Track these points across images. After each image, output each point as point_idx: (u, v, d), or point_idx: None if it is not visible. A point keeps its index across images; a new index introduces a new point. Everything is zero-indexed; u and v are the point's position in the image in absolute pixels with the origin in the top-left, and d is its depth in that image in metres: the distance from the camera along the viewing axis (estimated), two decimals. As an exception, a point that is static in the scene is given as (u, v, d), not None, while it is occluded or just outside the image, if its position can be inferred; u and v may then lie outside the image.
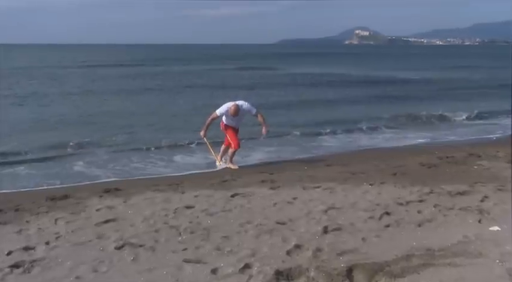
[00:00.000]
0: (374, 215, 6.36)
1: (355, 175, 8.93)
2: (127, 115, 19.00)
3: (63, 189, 8.67)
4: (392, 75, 40.79)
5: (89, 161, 11.49)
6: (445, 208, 6.60)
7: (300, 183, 8.23)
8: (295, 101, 23.87)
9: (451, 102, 22.62)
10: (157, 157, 11.93)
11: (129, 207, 6.99)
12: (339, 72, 43.59)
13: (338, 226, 5.94)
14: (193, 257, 5.07)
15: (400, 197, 7.18)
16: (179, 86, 31.59)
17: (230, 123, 10.60)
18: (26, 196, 8.27)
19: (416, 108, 20.05)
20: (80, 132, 14.93)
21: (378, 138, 14.75)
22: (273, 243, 5.44)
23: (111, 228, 6.03)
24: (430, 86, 32.12)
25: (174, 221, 6.27)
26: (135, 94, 26.99)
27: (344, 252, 5.13)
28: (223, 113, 10.41)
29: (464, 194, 7.33)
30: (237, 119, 10.54)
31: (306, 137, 14.52)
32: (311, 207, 6.77)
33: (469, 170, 9.12)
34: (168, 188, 8.20)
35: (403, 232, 5.74)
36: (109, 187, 8.32)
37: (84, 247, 5.42)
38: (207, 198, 7.41)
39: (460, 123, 17.69)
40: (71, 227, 6.12)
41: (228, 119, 10.49)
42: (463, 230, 5.69)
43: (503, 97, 22.66)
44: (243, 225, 6.08)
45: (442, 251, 5.08)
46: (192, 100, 23.78)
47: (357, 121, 17.06)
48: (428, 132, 15.38)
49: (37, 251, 5.30)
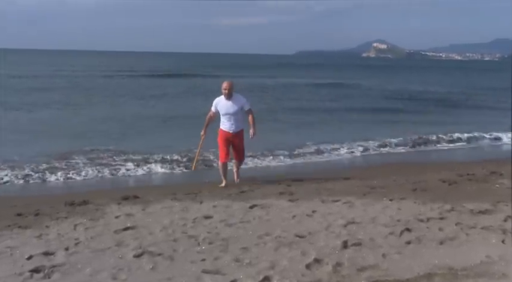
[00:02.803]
0: (394, 230, 6.28)
1: (374, 189, 8.85)
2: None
3: (82, 194, 8.69)
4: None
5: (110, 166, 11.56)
6: (467, 226, 6.49)
7: (318, 196, 8.18)
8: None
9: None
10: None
11: (147, 215, 6.99)
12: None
13: (358, 241, 5.88)
14: (212, 268, 5.04)
15: (421, 214, 7.09)
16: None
17: (224, 124, 9.57)
18: (45, 200, 8.33)
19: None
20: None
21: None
22: (292, 256, 5.39)
23: (130, 236, 6.03)
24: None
25: (192, 231, 6.25)
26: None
27: (364, 268, 5.07)
28: (215, 105, 9.59)
29: (486, 213, 7.21)
30: (231, 114, 9.46)
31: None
32: (330, 221, 6.71)
33: (490, 189, 8.98)
34: (186, 197, 8.20)
35: (425, 249, 5.66)
36: (127, 194, 8.33)
37: (104, 254, 5.42)
38: (225, 208, 7.39)
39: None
40: (90, 233, 6.12)
41: (223, 116, 9.55)
42: (486, 250, 5.59)
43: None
44: (261, 237, 6.04)
45: (464, 270, 5.00)
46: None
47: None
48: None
49: (57, 257, 5.30)
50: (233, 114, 9.51)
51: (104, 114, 21.73)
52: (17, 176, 10.57)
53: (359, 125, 20.49)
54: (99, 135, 15.84)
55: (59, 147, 13.43)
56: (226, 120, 9.54)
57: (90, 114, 21.67)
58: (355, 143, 15.47)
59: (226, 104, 9.48)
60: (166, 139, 15.41)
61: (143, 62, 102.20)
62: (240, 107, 9.53)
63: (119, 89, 35.32)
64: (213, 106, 9.62)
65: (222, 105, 9.51)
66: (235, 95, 9.59)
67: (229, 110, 9.48)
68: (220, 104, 9.53)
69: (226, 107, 9.48)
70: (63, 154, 12.71)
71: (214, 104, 9.60)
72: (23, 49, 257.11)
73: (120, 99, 28.47)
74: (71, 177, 10.80)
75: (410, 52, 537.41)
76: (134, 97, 29.94)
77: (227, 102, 9.47)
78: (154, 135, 16.20)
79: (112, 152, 13.21)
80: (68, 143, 14.27)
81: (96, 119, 20.14)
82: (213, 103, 9.64)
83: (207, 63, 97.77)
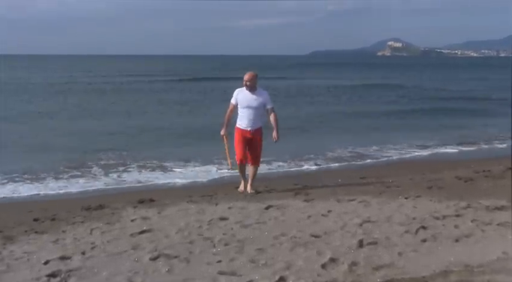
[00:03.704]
0: (410, 229, 6.25)
1: (390, 188, 8.82)
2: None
3: (98, 199, 8.76)
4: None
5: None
6: (482, 223, 6.45)
7: (334, 196, 8.17)
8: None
9: None
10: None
11: (163, 218, 7.02)
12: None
13: (374, 240, 5.86)
14: (228, 269, 5.05)
15: (437, 211, 7.05)
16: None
17: (242, 120, 8.70)
18: (61, 205, 8.39)
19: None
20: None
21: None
22: (308, 256, 5.39)
23: (146, 239, 6.05)
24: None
25: (208, 233, 6.27)
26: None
27: (380, 266, 5.05)
28: (235, 96, 8.69)
29: (502, 209, 7.16)
30: (253, 108, 8.59)
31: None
32: (346, 220, 6.70)
33: (507, 185, 8.89)
34: (201, 199, 8.22)
35: (440, 247, 5.62)
36: (143, 198, 8.37)
37: (120, 257, 5.45)
38: (240, 210, 7.40)
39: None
40: (106, 237, 6.16)
41: (242, 110, 8.67)
42: (502, 246, 5.55)
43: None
44: (277, 237, 6.04)
45: (481, 267, 4.97)
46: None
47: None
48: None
49: (73, 261, 5.34)
50: (255, 109, 8.60)
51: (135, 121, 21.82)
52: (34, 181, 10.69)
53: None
54: (116, 140, 15.95)
55: (75, 153, 13.56)
56: (245, 116, 8.62)
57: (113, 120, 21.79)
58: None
59: (249, 96, 8.58)
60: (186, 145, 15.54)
61: (164, 65, 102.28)
62: (263, 102, 8.63)
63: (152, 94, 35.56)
64: (233, 98, 8.71)
65: (243, 97, 8.61)
66: (259, 89, 8.71)
67: (251, 103, 8.57)
68: (241, 95, 8.63)
69: (248, 100, 8.57)
70: (80, 159, 12.83)
71: (234, 95, 8.70)
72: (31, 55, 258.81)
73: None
74: (87, 181, 10.88)
75: (425, 50, 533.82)
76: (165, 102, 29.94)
77: (249, 95, 8.57)
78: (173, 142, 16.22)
79: (128, 156, 13.29)
80: (85, 147, 14.41)
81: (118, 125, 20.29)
82: (233, 94, 8.75)
83: (232, 66, 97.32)
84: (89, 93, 35.30)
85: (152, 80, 50.80)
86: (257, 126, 8.71)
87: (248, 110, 8.60)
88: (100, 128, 19.17)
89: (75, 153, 13.60)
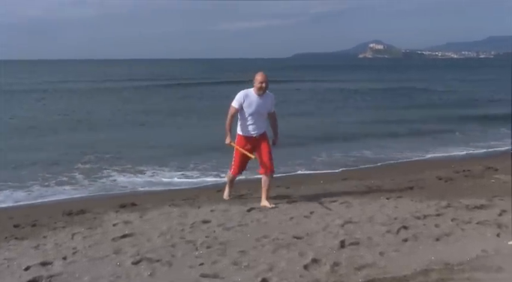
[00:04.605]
0: (391, 229, 6.32)
1: (372, 189, 8.89)
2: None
3: (80, 204, 8.69)
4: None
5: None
6: (462, 222, 6.55)
7: (316, 197, 8.21)
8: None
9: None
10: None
11: (145, 222, 7.00)
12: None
13: (355, 240, 5.91)
14: (211, 272, 5.06)
15: (418, 211, 7.13)
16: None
17: (245, 127, 7.75)
18: (42, 211, 8.31)
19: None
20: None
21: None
22: (290, 257, 5.41)
23: (128, 243, 6.03)
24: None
25: (190, 236, 6.26)
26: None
27: (362, 266, 5.10)
28: (241, 100, 7.60)
29: (482, 208, 7.28)
30: (261, 114, 7.70)
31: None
32: (328, 221, 6.74)
33: (486, 184, 9.04)
34: (183, 203, 8.19)
35: (421, 246, 5.69)
36: (125, 202, 8.33)
37: (102, 262, 5.43)
38: (223, 212, 7.40)
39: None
40: (88, 242, 6.13)
41: (248, 116, 7.67)
42: (482, 244, 5.64)
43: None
44: (259, 239, 6.06)
45: (460, 265, 5.04)
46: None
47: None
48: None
49: (54, 266, 5.31)
50: (262, 115, 7.75)
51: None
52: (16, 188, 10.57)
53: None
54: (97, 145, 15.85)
55: (57, 158, 13.47)
56: (251, 122, 7.67)
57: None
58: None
59: (258, 101, 7.60)
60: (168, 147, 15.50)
61: (158, 69, 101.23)
62: (270, 106, 7.83)
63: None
64: (236, 101, 7.60)
65: (251, 102, 7.59)
66: (267, 89, 7.74)
67: (260, 108, 7.65)
68: (248, 100, 7.59)
69: (257, 105, 7.60)
70: (62, 164, 12.73)
71: (239, 98, 7.59)
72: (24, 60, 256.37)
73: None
74: (69, 186, 10.79)
75: (406, 52, 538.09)
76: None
77: (259, 99, 7.59)
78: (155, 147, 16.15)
79: (109, 161, 13.21)
80: (67, 153, 14.30)
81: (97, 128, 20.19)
82: (236, 97, 7.64)
83: (219, 69, 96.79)
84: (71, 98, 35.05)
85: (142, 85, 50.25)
86: (262, 130, 7.85)
87: (255, 116, 7.67)
88: (81, 133, 19.02)
89: (56, 158, 13.47)
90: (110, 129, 20.06)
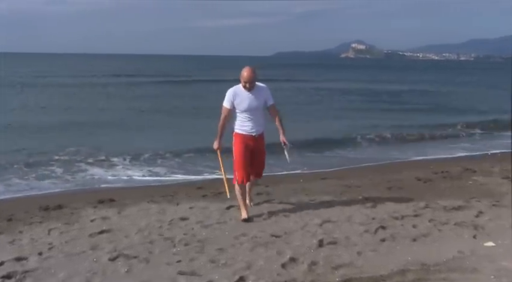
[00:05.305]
0: (369, 229, 6.35)
1: (351, 189, 8.91)
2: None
3: (57, 198, 8.60)
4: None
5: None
6: (440, 223, 6.60)
7: (295, 196, 8.22)
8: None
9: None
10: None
11: (123, 218, 6.96)
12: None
13: (333, 240, 5.93)
14: (188, 269, 5.05)
15: (396, 211, 7.17)
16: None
17: (242, 125, 7.03)
18: (18, 205, 8.20)
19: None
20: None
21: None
22: (268, 256, 5.42)
23: (105, 239, 5.99)
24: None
25: (168, 233, 6.24)
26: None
27: (339, 266, 5.13)
28: (231, 99, 6.93)
29: (459, 209, 7.35)
30: (254, 110, 6.98)
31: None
32: (306, 220, 6.75)
33: (464, 185, 9.12)
34: (162, 200, 8.15)
35: (399, 246, 5.73)
36: (103, 198, 8.27)
37: (78, 258, 5.38)
38: (202, 210, 7.38)
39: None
40: (64, 238, 6.07)
41: (241, 114, 7.01)
42: (458, 246, 5.69)
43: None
44: (238, 237, 6.05)
45: (437, 266, 5.08)
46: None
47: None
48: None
49: (30, 262, 5.25)
50: (256, 110, 7.04)
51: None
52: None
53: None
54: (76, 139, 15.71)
55: (35, 151, 13.33)
56: (246, 120, 7.02)
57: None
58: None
59: (248, 96, 6.95)
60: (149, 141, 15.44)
61: (142, 65, 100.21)
62: (264, 100, 7.08)
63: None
64: (227, 101, 6.96)
65: (242, 99, 6.96)
66: (256, 84, 7.06)
67: (252, 104, 6.96)
68: (239, 98, 6.96)
69: (248, 101, 6.95)
70: (40, 158, 12.60)
71: (229, 97, 6.97)
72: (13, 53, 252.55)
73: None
74: (47, 181, 10.67)
75: (388, 52, 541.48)
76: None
77: (248, 95, 6.95)
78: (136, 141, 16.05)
79: (90, 155, 13.09)
80: (44, 146, 14.16)
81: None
82: (226, 97, 6.99)
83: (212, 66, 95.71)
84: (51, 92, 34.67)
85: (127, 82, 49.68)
86: (261, 131, 7.17)
87: (249, 113, 7.02)
88: (60, 126, 18.81)
89: (34, 152, 13.32)
90: (91, 124, 19.85)
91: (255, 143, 7.04)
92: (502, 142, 16.59)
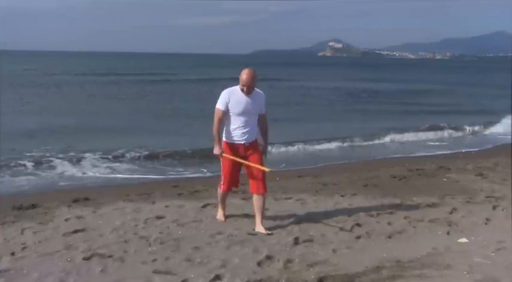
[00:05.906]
0: (345, 226, 6.38)
1: (327, 186, 8.95)
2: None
3: (31, 198, 8.48)
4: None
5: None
6: (414, 220, 6.66)
7: (271, 194, 8.18)
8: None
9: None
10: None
11: (98, 217, 6.88)
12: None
13: (309, 237, 5.95)
14: (163, 268, 5.01)
15: (371, 209, 7.22)
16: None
17: (234, 132, 6.38)
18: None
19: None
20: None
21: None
22: (244, 254, 5.41)
23: (79, 239, 5.92)
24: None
25: (144, 232, 6.19)
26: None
27: (315, 263, 5.14)
28: (226, 100, 6.26)
29: (433, 206, 7.43)
30: (250, 115, 6.35)
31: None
32: (283, 218, 6.76)
33: (438, 183, 9.22)
34: (138, 198, 8.09)
35: (374, 243, 5.77)
36: (78, 196, 8.17)
37: (52, 258, 5.31)
38: (177, 208, 7.34)
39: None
40: (38, 237, 5.98)
41: (236, 118, 6.33)
42: (432, 242, 5.76)
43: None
44: (214, 236, 6.03)
45: (411, 262, 5.13)
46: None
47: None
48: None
49: (2, 262, 5.16)
50: (251, 115, 6.41)
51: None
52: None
53: None
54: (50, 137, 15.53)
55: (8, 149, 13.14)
56: (239, 126, 6.36)
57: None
58: None
59: (245, 99, 6.29)
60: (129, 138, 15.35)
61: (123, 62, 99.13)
62: (260, 106, 6.48)
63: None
64: (221, 103, 6.30)
65: (237, 101, 6.29)
66: (255, 89, 6.42)
67: (248, 108, 6.32)
68: (235, 99, 6.29)
69: (244, 104, 6.29)
70: (13, 156, 12.43)
71: (224, 98, 6.31)
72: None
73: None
74: (20, 180, 10.54)
75: (365, 51, 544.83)
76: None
77: (247, 98, 6.30)
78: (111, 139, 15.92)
79: (63, 154, 12.94)
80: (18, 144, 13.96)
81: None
82: (220, 98, 6.34)
83: (196, 64, 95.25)
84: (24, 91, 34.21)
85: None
86: (253, 138, 6.53)
87: (244, 119, 6.37)
88: (33, 125, 18.54)
89: (7, 150, 13.12)
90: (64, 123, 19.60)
91: (244, 152, 6.44)
92: (480, 140, 16.93)
